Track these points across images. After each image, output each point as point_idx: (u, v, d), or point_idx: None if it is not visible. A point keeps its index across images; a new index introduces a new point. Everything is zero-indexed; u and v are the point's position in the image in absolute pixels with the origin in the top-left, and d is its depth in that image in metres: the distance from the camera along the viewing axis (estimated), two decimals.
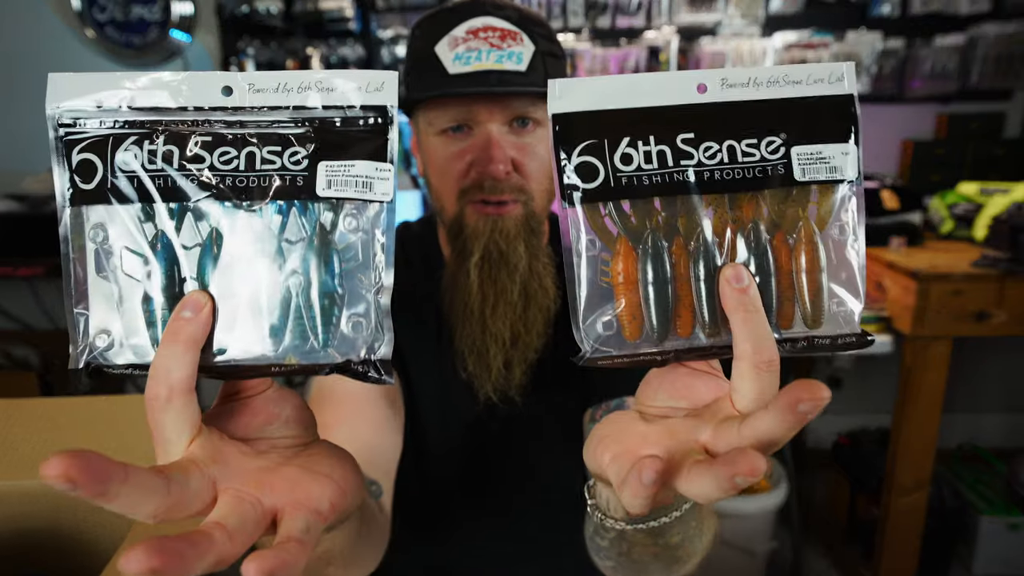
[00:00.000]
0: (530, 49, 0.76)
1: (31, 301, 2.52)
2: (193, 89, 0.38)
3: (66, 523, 0.78)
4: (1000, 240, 1.74)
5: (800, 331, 0.38)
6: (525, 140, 0.78)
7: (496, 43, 0.75)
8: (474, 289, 0.79)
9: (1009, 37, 2.25)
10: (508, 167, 0.77)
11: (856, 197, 0.38)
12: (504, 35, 0.75)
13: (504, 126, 0.77)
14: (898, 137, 2.49)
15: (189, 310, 0.35)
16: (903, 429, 1.84)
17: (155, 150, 0.37)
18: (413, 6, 2.29)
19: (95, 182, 0.37)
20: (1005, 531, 2.11)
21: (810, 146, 0.37)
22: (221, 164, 0.37)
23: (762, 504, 1.97)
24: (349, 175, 0.37)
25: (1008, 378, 2.72)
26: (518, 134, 0.78)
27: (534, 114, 0.77)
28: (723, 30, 2.33)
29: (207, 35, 2.43)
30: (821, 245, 0.38)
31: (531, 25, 0.77)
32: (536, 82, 0.75)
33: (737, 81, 0.36)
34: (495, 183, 0.77)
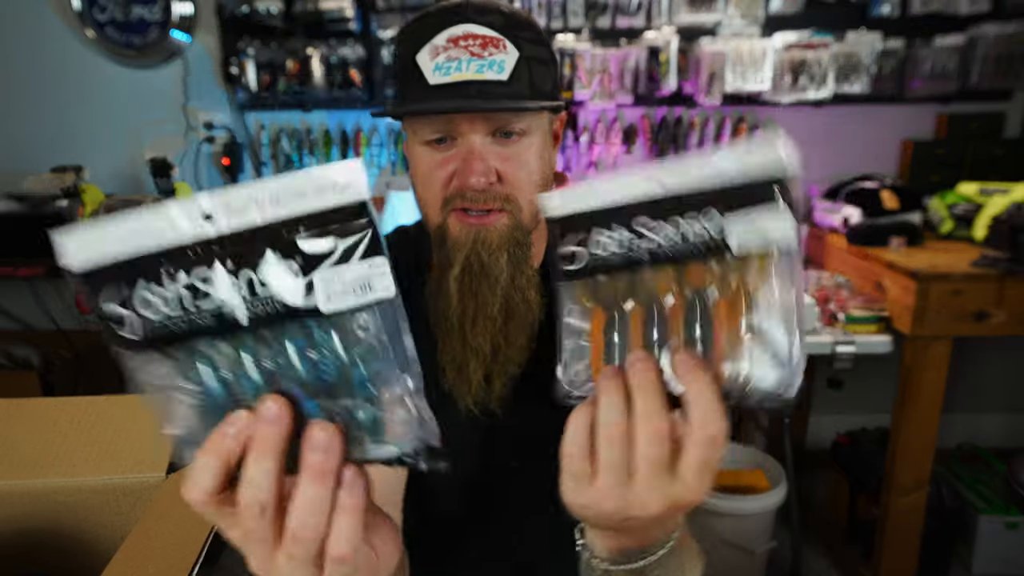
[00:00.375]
0: (513, 56, 0.73)
1: (32, 301, 2.52)
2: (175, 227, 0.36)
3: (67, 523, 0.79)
4: (1000, 240, 1.74)
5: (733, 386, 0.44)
6: (509, 150, 0.76)
7: (477, 52, 0.72)
8: (454, 302, 0.78)
9: (1009, 37, 2.25)
10: (490, 178, 0.75)
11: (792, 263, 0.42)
12: (486, 42, 0.73)
13: (487, 137, 0.75)
14: (898, 137, 2.50)
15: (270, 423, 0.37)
16: (903, 429, 1.84)
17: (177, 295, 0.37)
18: (413, 6, 2.29)
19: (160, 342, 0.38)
20: (1004, 530, 2.11)
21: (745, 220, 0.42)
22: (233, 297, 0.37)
23: (762, 504, 1.97)
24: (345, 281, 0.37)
25: (1007, 378, 2.72)
26: (502, 144, 0.76)
27: (518, 125, 0.75)
28: (723, 30, 2.33)
29: (207, 35, 2.43)
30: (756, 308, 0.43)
31: (516, 29, 0.75)
32: (519, 92, 0.74)
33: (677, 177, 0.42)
34: (477, 193, 0.75)
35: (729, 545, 1.97)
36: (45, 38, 2.43)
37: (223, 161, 2.47)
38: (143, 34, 2.37)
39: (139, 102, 2.48)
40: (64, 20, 2.41)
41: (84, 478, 0.78)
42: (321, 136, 2.46)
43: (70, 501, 0.77)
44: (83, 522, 0.78)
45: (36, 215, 2.20)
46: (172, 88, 2.46)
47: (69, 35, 2.42)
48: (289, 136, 2.45)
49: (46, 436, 0.83)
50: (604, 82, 2.33)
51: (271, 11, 2.23)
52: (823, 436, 2.67)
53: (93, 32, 2.36)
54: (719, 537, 1.98)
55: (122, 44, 2.38)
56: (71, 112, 2.48)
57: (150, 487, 0.77)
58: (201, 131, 2.47)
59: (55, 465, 0.78)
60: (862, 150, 2.50)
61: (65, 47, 2.43)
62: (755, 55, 2.28)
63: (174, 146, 2.49)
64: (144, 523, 0.68)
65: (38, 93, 2.47)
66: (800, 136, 2.49)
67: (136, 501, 0.78)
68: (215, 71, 2.45)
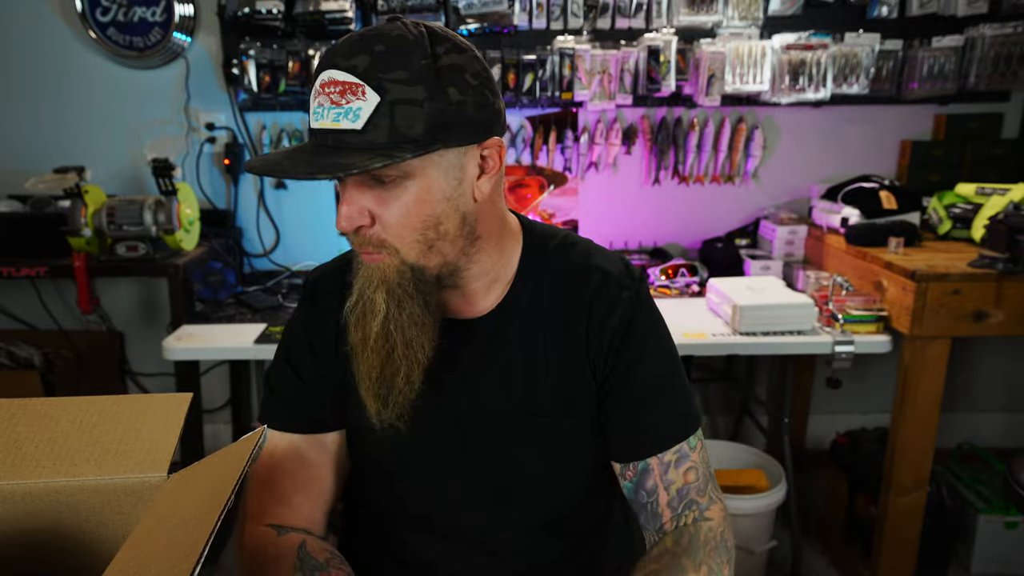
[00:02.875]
0: (372, 103, 0.71)
1: (34, 301, 2.53)
2: None
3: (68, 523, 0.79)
4: (998, 240, 1.75)
5: None
6: (387, 194, 0.76)
7: (336, 99, 0.72)
8: (350, 330, 0.85)
9: (1006, 38, 2.25)
10: (356, 222, 0.77)
11: None
12: (344, 89, 0.72)
13: (366, 178, 0.76)
14: (896, 138, 2.50)
15: None
16: (901, 428, 1.84)
17: None
18: (413, 7, 2.30)
19: None
20: (1003, 530, 2.12)
21: None
22: None
23: (761, 503, 1.98)
24: None
25: (1006, 378, 2.73)
26: (380, 188, 0.76)
27: (387, 172, 0.75)
28: (722, 31, 2.34)
29: (208, 36, 2.44)
30: None
31: (382, 73, 0.71)
32: (374, 140, 0.72)
33: None
34: (350, 236, 0.79)
35: None
36: (47, 39, 2.44)
37: (224, 162, 2.48)
38: (145, 35, 2.38)
39: (141, 103, 2.48)
40: (66, 21, 2.42)
41: (86, 478, 0.78)
42: None
43: (71, 501, 0.78)
44: (84, 522, 0.78)
45: (38, 216, 2.21)
46: (173, 89, 2.47)
47: (71, 36, 2.43)
48: (290, 136, 2.46)
49: (48, 436, 0.83)
50: (604, 83, 2.34)
51: (272, 12, 2.24)
52: (822, 436, 2.68)
53: (95, 33, 2.37)
54: None
55: (124, 45, 2.39)
56: (73, 113, 2.49)
57: (152, 487, 0.78)
58: (202, 132, 2.48)
59: (57, 465, 0.78)
60: (861, 151, 2.50)
61: (67, 48, 2.44)
62: (754, 56, 2.28)
63: (176, 147, 2.50)
64: (145, 523, 0.68)
65: (40, 94, 2.48)
66: (799, 137, 2.51)
67: (138, 501, 0.78)
68: (216, 72, 2.46)
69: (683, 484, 0.87)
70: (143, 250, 2.12)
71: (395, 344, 0.82)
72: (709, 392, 2.79)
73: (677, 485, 0.87)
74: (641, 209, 2.56)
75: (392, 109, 0.71)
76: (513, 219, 0.93)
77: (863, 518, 2.16)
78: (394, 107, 0.71)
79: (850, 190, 2.19)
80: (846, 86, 2.32)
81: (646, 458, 0.88)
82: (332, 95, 0.72)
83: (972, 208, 2.06)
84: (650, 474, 0.88)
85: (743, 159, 2.48)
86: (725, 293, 2.00)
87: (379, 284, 0.80)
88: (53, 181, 2.15)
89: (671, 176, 2.52)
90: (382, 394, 0.84)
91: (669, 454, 0.87)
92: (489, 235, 0.86)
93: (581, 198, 2.49)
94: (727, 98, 2.35)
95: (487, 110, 0.78)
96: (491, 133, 0.79)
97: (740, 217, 2.56)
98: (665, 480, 0.87)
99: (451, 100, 0.74)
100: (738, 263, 2.34)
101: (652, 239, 2.55)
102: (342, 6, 2.23)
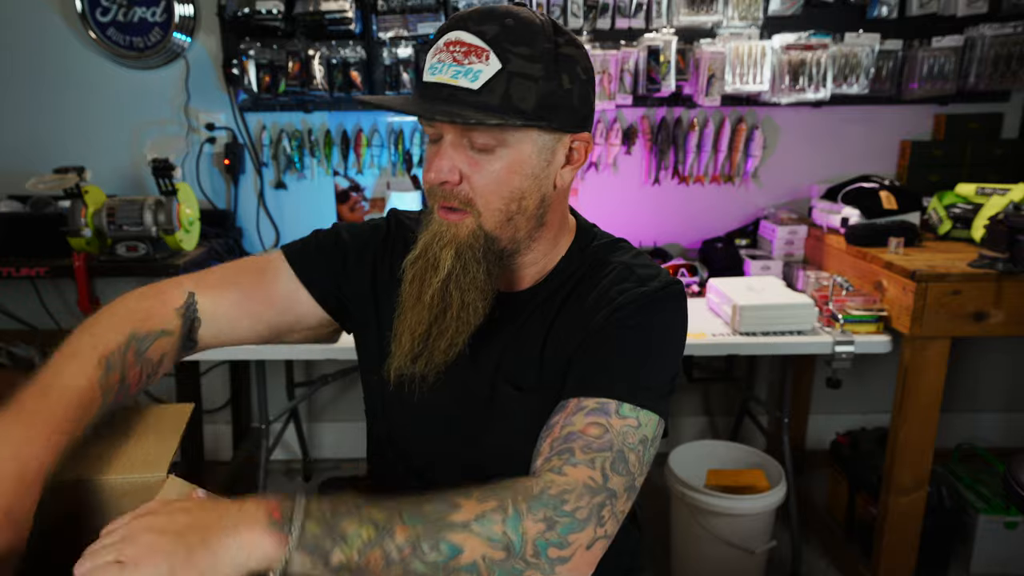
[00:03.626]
0: (493, 68, 0.76)
1: (34, 301, 2.53)
2: None
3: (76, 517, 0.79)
4: (997, 240, 1.75)
5: None
6: (480, 157, 0.80)
7: (459, 58, 0.77)
8: (405, 282, 0.87)
9: (1006, 38, 2.25)
10: (449, 176, 0.80)
11: None
12: (469, 51, 0.76)
13: (464, 139, 0.80)
14: (896, 138, 2.50)
15: None
16: (901, 429, 1.84)
17: None
18: (413, 7, 2.30)
19: None
20: (1003, 530, 2.12)
21: None
22: None
23: (761, 503, 1.98)
24: None
25: (1006, 378, 2.73)
26: (477, 150, 0.80)
27: (481, 140, 0.79)
28: (722, 31, 2.34)
29: (208, 36, 2.44)
30: None
31: (510, 43, 0.77)
32: (486, 103, 0.76)
33: None
34: (442, 190, 0.82)
35: (729, 545, 1.98)
36: (47, 39, 2.44)
37: (224, 162, 2.48)
38: (145, 35, 2.38)
39: (141, 103, 2.48)
40: (66, 21, 2.42)
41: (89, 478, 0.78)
42: (322, 137, 2.47)
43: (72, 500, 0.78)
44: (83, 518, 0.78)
45: (38, 216, 2.21)
46: (173, 89, 2.47)
47: (71, 36, 2.43)
48: (290, 137, 2.46)
49: None
50: (604, 83, 2.34)
51: (272, 12, 2.24)
52: (822, 436, 2.68)
53: (95, 33, 2.37)
54: (719, 537, 1.98)
55: (124, 45, 2.39)
56: (73, 113, 2.49)
57: (150, 486, 0.78)
58: (202, 132, 2.48)
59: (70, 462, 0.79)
60: (861, 151, 2.50)
61: (67, 48, 2.44)
62: (754, 56, 2.28)
63: (176, 147, 2.50)
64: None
65: (40, 94, 2.48)
66: (799, 137, 2.51)
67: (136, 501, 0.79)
68: (216, 72, 2.46)
69: (577, 431, 0.75)
70: (143, 250, 2.11)
71: (450, 304, 0.83)
72: (709, 392, 2.79)
73: (571, 428, 0.76)
74: (641, 209, 2.56)
75: (510, 79, 0.76)
76: (572, 218, 0.97)
77: (863, 518, 2.16)
78: (512, 77, 0.77)
79: (850, 190, 2.19)
80: (846, 86, 2.32)
81: (568, 397, 0.80)
82: (456, 53, 0.77)
83: (972, 208, 2.07)
84: (562, 411, 0.79)
85: (743, 159, 2.48)
86: (725, 293, 2.00)
87: (449, 242, 0.82)
88: (53, 181, 2.15)
89: (671, 176, 2.52)
90: (417, 351, 0.86)
91: (590, 400, 0.78)
92: (552, 225, 0.90)
93: (581, 198, 2.49)
94: (727, 98, 2.36)
95: (588, 105, 0.84)
96: (585, 127, 0.85)
97: (740, 217, 2.56)
98: (567, 420, 0.77)
99: (563, 86, 0.79)
100: (738, 263, 2.34)
101: (652, 239, 2.55)
102: (342, 6, 2.23)
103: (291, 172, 2.52)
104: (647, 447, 0.78)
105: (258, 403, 2.16)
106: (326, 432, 2.81)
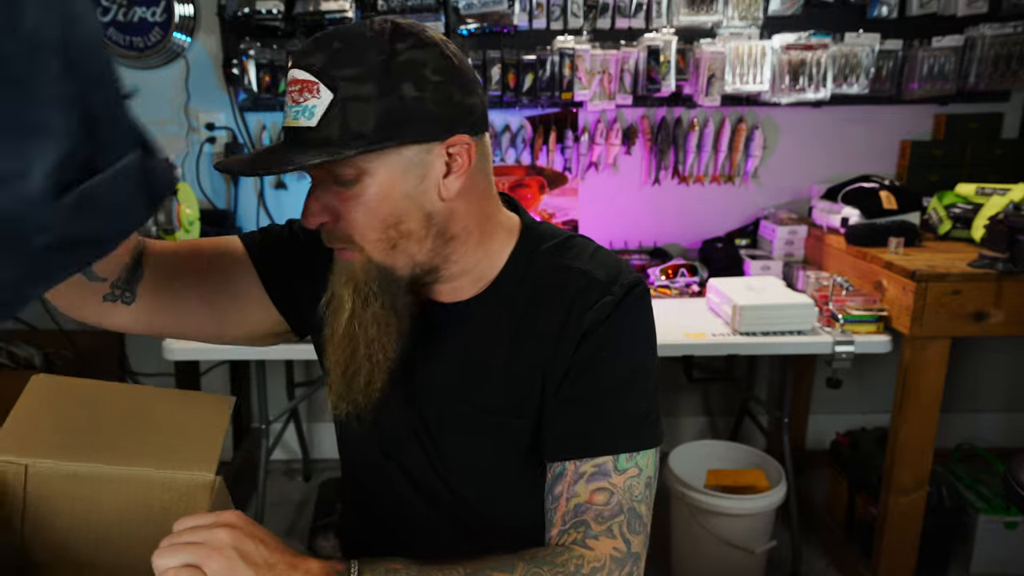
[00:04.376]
0: (326, 100, 0.72)
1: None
2: None
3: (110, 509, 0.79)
4: (997, 240, 1.75)
5: None
6: (349, 191, 0.76)
7: (296, 97, 0.74)
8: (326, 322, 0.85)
9: (1006, 38, 2.25)
10: (323, 217, 0.78)
11: None
12: (303, 88, 0.73)
13: (328, 176, 0.77)
14: (896, 138, 2.50)
15: None
16: (902, 429, 1.84)
17: None
18: (413, 7, 2.30)
19: None
20: (1003, 530, 2.12)
21: None
22: None
23: (761, 503, 1.98)
24: None
25: (1006, 378, 2.73)
26: (343, 186, 0.77)
27: (345, 171, 0.75)
28: (722, 31, 2.34)
29: (208, 36, 2.44)
30: None
31: (335, 70, 0.72)
32: (328, 136, 0.73)
33: None
34: (323, 231, 0.80)
35: (729, 545, 1.98)
36: None
37: None
38: (145, 35, 2.38)
39: (141, 103, 2.45)
40: None
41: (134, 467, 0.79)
42: None
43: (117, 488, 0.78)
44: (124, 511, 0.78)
45: None
46: (173, 89, 2.47)
47: None
48: None
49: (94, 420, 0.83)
50: (604, 83, 2.34)
51: (272, 12, 2.24)
52: (822, 436, 2.68)
53: None
54: (719, 537, 1.98)
55: (124, 45, 2.39)
56: None
57: (199, 485, 0.79)
58: (202, 132, 2.48)
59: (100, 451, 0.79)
60: (861, 151, 2.50)
61: None
62: (754, 56, 2.28)
63: (176, 147, 2.50)
64: None
65: None
66: (799, 137, 2.51)
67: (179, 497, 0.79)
68: (216, 72, 2.46)
69: (584, 502, 0.78)
70: None
71: (358, 343, 0.82)
72: (709, 392, 2.79)
73: (577, 500, 0.78)
74: (641, 209, 2.56)
75: (344, 106, 0.72)
76: (510, 218, 0.90)
77: (863, 518, 2.16)
78: (346, 104, 0.72)
79: (850, 190, 2.19)
80: (846, 86, 2.33)
81: (563, 461, 0.81)
82: (293, 93, 0.74)
83: (972, 208, 2.07)
84: (562, 480, 0.80)
85: (743, 159, 2.48)
86: (725, 293, 2.00)
87: (347, 280, 0.81)
88: None
89: (671, 176, 2.52)
90: (343, 391, 0.85)
91: (587, 465, 0.79)
92: (468, 234, 0.83)
93: (581, 198, 2.49)
94: (727, 98, 2.36)
95: (450, 107, 0.75)
96: (456, 130, 0.77)
97: (740, 217, 2.56)
98: (571, 491, 0.79)
99: (404, 96, 0.73)
100: (738, 263, 2.34)
101: (652, 239, 2.55)
102: (342, 6, 2.23)
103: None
104: (651, 486, 0.82)
105: (258, 403, 2.16)
106: (326, 432, 2.81)
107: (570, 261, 0.86)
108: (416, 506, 0.93)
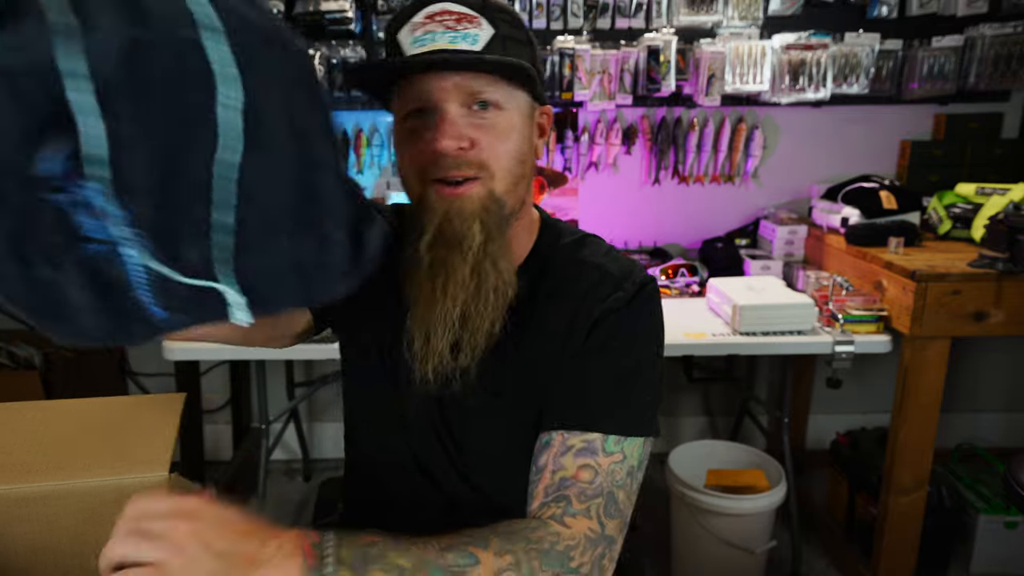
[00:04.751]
0: (488, 32, 0.76)
1: None
2: None
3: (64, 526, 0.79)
4: (997, 240, 1.75)
5: None
6: (485, 120, 0.77)
7: (451, 25, 0.76)
8: (424, 268, 0.79)
9: (1006, 38, 2.25)
10: (462, 143, 0.76)
11: None
12: (460, 18, 0.76)
13: (462, 108, 0.77)
14: (896, 138, 2.50)
15: None
16: (902, 429, 1.84)
17: None
18: None
19: None
20: (1003, 530, 2.12)
21: None
22: None
23: (761, 503, 1.97)
24: None
25: (1006, 378, 2.73)
26: (478, 115, 0.78)
27: (492, 95, 0.77)
28: (722, 31, 2.34)
29: None
30: None
31: (493, 11, 0.78)
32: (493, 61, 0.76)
33: None
34: (451, 160, 0.76)
35: (729, 545, 1.98)
36: None
37: None
38: None
39: None
40: None
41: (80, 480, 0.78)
42: None
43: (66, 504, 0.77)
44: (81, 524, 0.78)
45: None
46: None
47: None
48: None
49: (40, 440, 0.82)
50: (604, 83, 2.34)
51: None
52: (822, 436, 2.68)
53: None
54: (719, 537, 1.98)
55: None
56: None
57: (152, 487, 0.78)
58: None
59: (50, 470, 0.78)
60: (861, 151, 2.50)
61: None
62: (754, 56, 2.28)
63: None
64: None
65: None
66: (799, 137, 2.51)
67: None
68: None
69: (570, 476, 0.77)
70: None
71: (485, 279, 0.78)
72: (709, 392, 2.79)
73: (564, 473, 0.77)
74: (641, 209, 2.56)
75: (504, 42, 0.78)
76: (535, 211, 0.94)
77: (863, 518, 2.16)
78: (506, 41, 0.78)
79: (850, 190, 2.19)
80: (846, 86, 2.32)
81: (552, 431, 0.80)
82: (447, 22, 0.76)
83: (972, 208, 2.06)
84: (548, 450, 0.80)
85: (743, 159, 2.48)
86: (725, 293, 2.00)
87: (470, 214, 0.77)
88: None
89: (671, 176, 2.52)
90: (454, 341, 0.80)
91: (575, 439, 0.78)
92: (526, 206, 0.88)
93: (581, 198, 2.49)
94: (727, 98, 2.35)
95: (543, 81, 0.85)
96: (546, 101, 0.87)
97: (740, 217, 2.56)
98: (556, 463, 0.78)
99: (537, 54, 0.83)
100: (738, 263, 2.34)
101: (652, 239, 2.55)
102: (342, 6, 2.23)
103: None
104: (634, 477, 0.81)
105: (258, 403, 2.16)
106: (326, 432, 2.81)
107: (585, 256, 0.89)
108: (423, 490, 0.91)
